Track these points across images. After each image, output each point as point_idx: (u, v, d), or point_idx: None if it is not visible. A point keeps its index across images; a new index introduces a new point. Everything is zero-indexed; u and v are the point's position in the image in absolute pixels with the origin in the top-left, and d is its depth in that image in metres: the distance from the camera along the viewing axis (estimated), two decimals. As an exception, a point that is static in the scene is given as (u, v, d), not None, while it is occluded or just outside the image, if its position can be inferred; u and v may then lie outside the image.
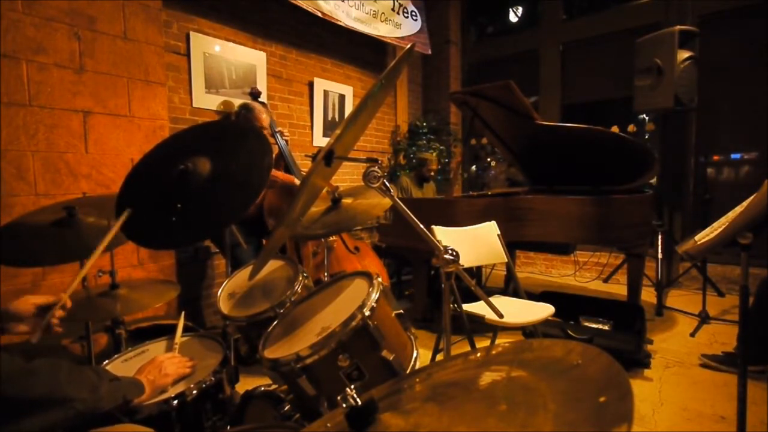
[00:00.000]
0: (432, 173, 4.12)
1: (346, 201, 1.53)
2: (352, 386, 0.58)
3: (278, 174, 2.61)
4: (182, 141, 1.34)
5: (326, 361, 0.97)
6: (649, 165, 2.91)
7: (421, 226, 1.00)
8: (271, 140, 2.82)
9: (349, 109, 4.45)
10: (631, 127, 4.40)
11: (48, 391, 0.85)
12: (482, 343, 2.52)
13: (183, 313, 1.56)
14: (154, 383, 1.11)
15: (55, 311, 1.00)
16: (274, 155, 2.84)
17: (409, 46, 1.11)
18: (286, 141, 2.89)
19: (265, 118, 2.67)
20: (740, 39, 3.88)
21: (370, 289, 1.05)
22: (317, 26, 3.96)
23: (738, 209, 1.40)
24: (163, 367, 1.16)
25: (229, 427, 1.24)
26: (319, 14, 3.68)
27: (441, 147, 5.10)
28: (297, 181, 2.60)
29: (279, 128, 2.89)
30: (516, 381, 0.59)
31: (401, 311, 1.16)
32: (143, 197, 1.21)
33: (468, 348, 1.94)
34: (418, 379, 0.73)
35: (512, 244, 3.16)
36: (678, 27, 3.12)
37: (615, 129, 4.41)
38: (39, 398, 0.84)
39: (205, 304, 3.21)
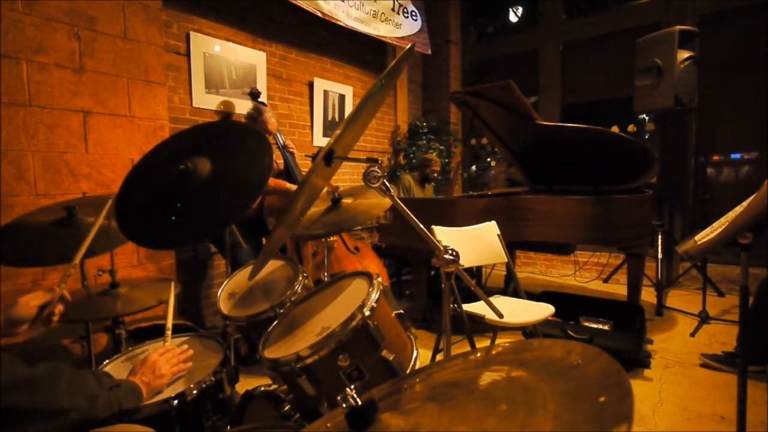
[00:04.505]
0: (435, 174, 4.11)
1: (346, 201, 1.53)
2: (352, 386, 0.58)
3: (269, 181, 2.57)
4: (182, 141, 1.34)
5: (326, 361, 0.97)
6: (649, 165, 2.91)
7: (421, 226, 1.00)
8: (277, 153, 2.78)
9: (349, 109, 4.45)
10: (631, 127, 4.40)
11: (44, 401, 0.84)
12: (482, 343, 2.52)
13: (172, 283, 1.45)
14: (149, 385, 1.09)
15: (54, 307, 1.01)
16: (276, 166, 2.79)
17: (409, 46, 1.11)
18: (292, 153, 2.83)
19: (273, 123, 2.66)
20: (740, 39, 3.88)
21: (370, 289, 1.04)
22: (317, 26, 3.96)
23: (738, 209, 1.40)
24: (157, 368, 1.12)
25: (229, 427, 1.24)
26: (319, 14, 3.68)
27: (441, 147, 5.10)
28: (288, 186, 2.54)
29: (286, 140, 2.83)
30: (516, 381, 0.59)
31: (401, 311, 1.16)
32: (143, 197, 1.21)
33: (468, 348, 1.94)
34: (418, 379, 0.73)
35: (512, 244, 3.16)
36: (678, 27, 3.12)
37: (615, 129, 4.41)
38: (34, 409, 0.83)
39: (205, 304, 3.21)
